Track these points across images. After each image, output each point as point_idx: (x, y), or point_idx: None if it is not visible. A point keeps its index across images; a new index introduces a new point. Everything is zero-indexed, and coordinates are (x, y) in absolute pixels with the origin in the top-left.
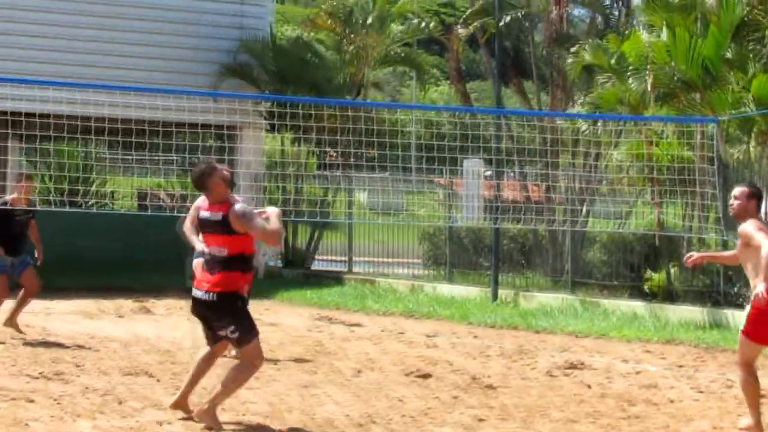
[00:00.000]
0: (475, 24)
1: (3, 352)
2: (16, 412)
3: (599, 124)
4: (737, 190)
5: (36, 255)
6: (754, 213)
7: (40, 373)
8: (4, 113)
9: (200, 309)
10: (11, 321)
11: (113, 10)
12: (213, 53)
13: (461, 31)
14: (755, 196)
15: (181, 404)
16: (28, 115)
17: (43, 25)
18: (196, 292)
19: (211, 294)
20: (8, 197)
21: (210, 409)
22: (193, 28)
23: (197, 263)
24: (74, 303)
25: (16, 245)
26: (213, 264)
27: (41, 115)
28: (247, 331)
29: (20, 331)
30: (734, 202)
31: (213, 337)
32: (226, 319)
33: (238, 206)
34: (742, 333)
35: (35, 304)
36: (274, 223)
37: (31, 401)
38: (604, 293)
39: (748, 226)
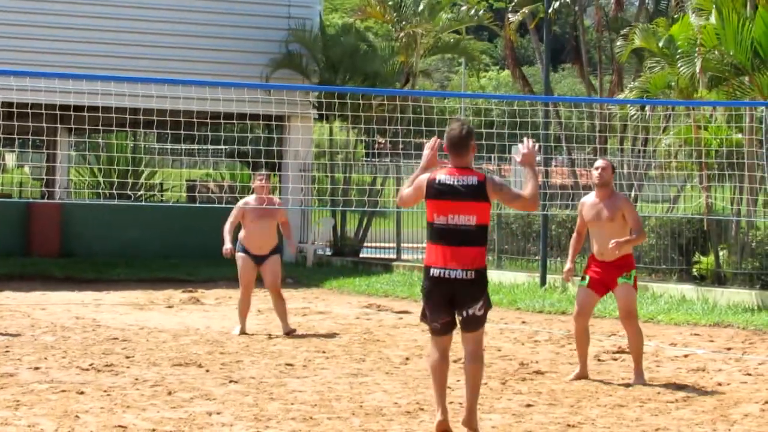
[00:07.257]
0: (524, 11)
1: (54, 345)
2: (66, 404)
3: (647, 109)
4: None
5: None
6: None
7: (90, 365)
8: (54, 107)
9: (450, 288)
10: None
11: (164, 2)
12: (262, 43)
13: (511, 18)
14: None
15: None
16: (77, 108)
17: (92, 18)
18: (447, 272)
19: (470, 272)
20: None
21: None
22: (241, 18)
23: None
24: (124, 294)
25: None
26: (458, 237)
27: (90, 108)
28: (489, 305)
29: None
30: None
31: (446, 326)
32: (481, 296)
33: (490, 175)
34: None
35: (85, 296)
36: (532, 187)
37: (81, 393)
38: (652, 277)
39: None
